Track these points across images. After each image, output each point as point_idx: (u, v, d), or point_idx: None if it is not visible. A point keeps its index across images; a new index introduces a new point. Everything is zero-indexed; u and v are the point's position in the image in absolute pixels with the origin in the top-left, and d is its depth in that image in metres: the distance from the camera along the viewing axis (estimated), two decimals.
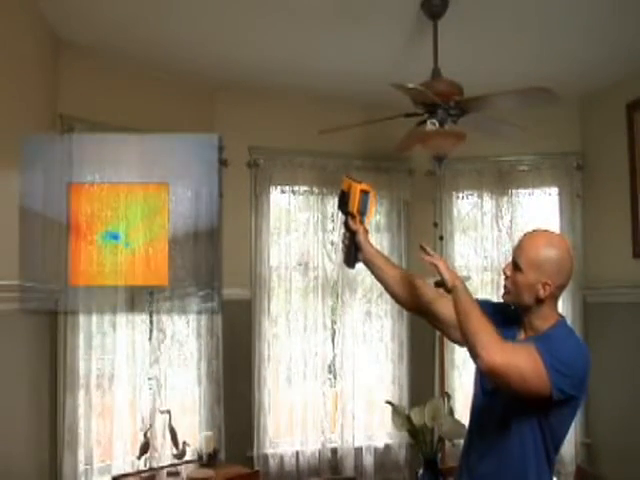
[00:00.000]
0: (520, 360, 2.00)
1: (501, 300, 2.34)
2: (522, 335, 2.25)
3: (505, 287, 2.24)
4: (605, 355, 5.08)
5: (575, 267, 2.21)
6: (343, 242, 2.55)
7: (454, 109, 3.71)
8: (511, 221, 5.50)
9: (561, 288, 2.19)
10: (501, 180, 5.54)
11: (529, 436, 2.13)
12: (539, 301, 2.15)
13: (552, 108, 4.64)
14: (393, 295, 2.56)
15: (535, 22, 4.00)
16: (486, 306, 2.35)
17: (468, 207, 5.73)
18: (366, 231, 2.52)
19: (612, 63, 4.65)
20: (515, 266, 2.18)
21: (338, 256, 5.26)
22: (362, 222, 2.50)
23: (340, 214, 2.61)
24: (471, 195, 5.65)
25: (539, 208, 5.59)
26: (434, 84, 3.67)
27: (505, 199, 5.54)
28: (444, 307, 2.44)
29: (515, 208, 5.54)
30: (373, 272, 2.56)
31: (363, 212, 2.48)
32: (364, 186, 2.50)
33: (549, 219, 5.53)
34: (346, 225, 2.52)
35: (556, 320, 2.21)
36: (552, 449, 2.18)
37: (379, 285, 2.64)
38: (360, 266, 2.61)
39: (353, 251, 2.51)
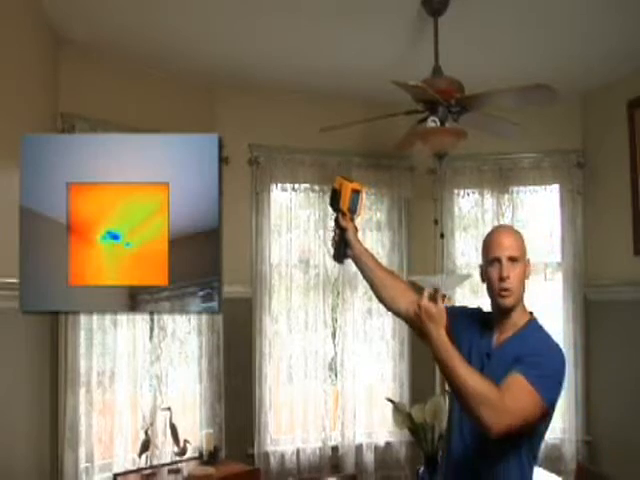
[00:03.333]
0: (521, 406, 2.00)
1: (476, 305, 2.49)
2: (497, 335, 2.28)
3: (506, 290, 2.23)
4: (606, 353, 5.10)
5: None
6: (333, 238, 2.62)
7: (455, 107, 3.71)
8: (512, 219, 5.49)
9: None
10: (502, 178, 5.53)
11: (514, 459, 2.16)
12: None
13: (553, 105, 4.62)
14: (376, 294, 2.63)
15: (536, 19, 3.99)
16: (460, 312, 2.48)
17: (469, 205, 5.73)
18: (356, 229, 2.59)
19: (613, 60, 4.64)
20: (513, 261, 2.23)
21: None
22: (352, 220, 2.57)
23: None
24: (472, 193, 5.64)
25: (540, 205, 5.59)
26: (435, 82, 3.67)
27: (506, 197, 5.53)
28: None
29: (516, 206, 5.53)
30: (360, 269, 2.64)
31: (353, 210, 2.55)
32: (355, 185, 2.57)
33: (550, 217, 5.53)
34: (336, 222, 2.59)
35: (528, 319, 2.29)
36: (532, 459, 2.22)
37: None
38: None
39: (342, 247, 2.59)
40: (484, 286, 2.33)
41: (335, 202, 2.58)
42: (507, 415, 1.97)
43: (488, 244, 2.30)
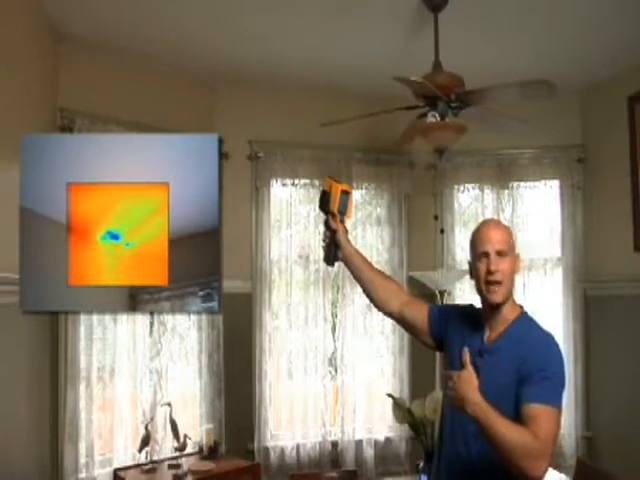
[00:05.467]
0: (553, 433, 2.04)
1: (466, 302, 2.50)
2: (488, 332, 2.27)
3: (495, 284, 2.22)
4: (605, 348, 5.10)
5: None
6: (324, 240, 2.62)
7: (455, 102, 3.71)
8: (512, 214, 5.49)
9: None
10: (502, 173, 5.53)
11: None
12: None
13: (553, 101, 4.63)
14: (368, 295, 2.62)
15: (536, 15, 3.98)
16: (449, 311, 2.51)
17: (469, 200, 5.72)
18: (346, 230, 2.59)
19: (613, 56, 4.63)
20: (502, 255, 2.23)
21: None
22: (342, 221, 2.57)
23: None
24: (472, 188, 5.64)
25: (540, 201, 5.58)
26: (435, 77, 3.66)
27: (506, 192, 5.53)
28: (414, 312, 2.52)
29: (516, 201, 5.53)
30: (351, 271, 2.63)
31: (343, 212, 2.56)
32: (344, 187, 2.58)
33: (550, 212, 5.53)
34: (327, 224, 2.59)
35: (519, 312, 2.27)
36: None
37: None
38: None
39: (333, 249, 2.59)
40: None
41: (325, 204, 2.58)
42: (546, 452, 1.99)
43: (476, 239, 2.30)
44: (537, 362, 2.08)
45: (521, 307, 2.30)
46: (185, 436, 4.42)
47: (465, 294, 5.28)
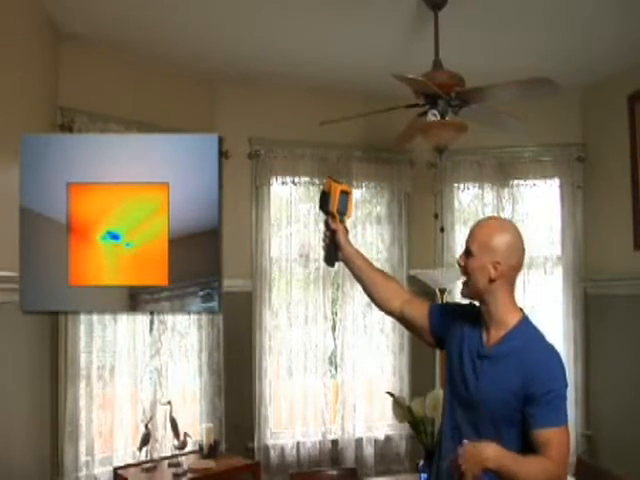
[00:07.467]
0: (565, 451, 2.07)
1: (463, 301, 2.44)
2: (486, 333, 2.25)
3: (463, 283, 2.26)
4: (605, 347, 5.10)
5: (524, 252, 2.24)
6: (324, 241, 2.61)
7: (455, 100, 3.70)
8: (512, 212, 5.49)
9: (513, 269, 2.21)
10: (502, 171, 5.53)
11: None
12: (491, 281, 2.18)
13: (553, 99, 4.63)
14: (369, 295, 2.61)
15: (537, 13, 3.98)
16: (448, 311, 2.47)
17: (469, 198, 5.72)
18: (346, 230, 2.58)
19: (614, 54, 4.63)
20: (467, 253, 2.22)
21: None
22: (342, 221, 2.56)
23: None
24: (472, 186, 5.64)
25: (540, 199, 5.57)
26: (435, 75, 3.66)
27: (506, 190, 5.53)
28: (415, 310, 2.51)
29: (516, 199, 5.53)
30: (351, 271, 2.62)
31: (343, 212, 2.55)
32: (344, 187, 2.57)
33: (550, 210, 5.52)
34: (327, 224, 2.58)
35: (520, 317, 2.23)
36: None
37: None
38: None
39: (333, 249, 2.58)
40: None
41: (324, 204, 2.57)
42: (562, 471, 2.03)
43: None
44: (544, 382, 2.07)
45: (521, 311, 2.27)
46: (185, 434, 4.42)
47: None
